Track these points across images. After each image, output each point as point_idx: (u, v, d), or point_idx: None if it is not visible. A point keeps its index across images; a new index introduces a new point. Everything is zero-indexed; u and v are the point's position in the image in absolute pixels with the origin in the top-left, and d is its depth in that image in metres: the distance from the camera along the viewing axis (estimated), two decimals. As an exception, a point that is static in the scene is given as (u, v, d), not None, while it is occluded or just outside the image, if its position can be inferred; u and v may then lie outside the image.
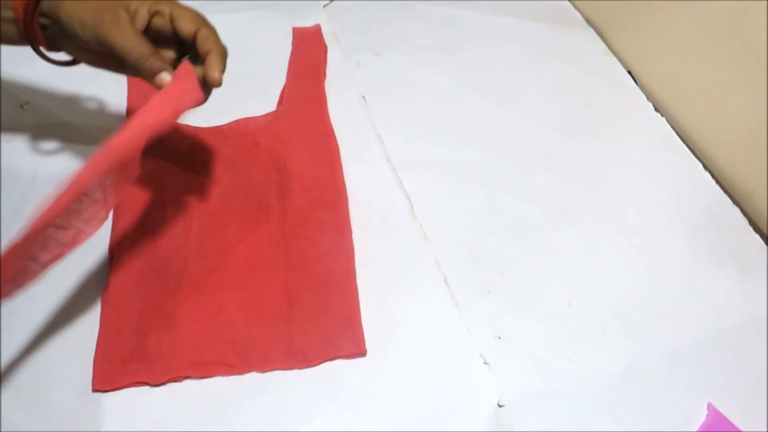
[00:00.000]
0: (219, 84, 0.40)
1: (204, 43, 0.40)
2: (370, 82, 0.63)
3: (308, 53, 0.64)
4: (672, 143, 0.61)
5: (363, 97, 0.61)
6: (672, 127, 0.62)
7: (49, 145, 0.53)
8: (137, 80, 0.58)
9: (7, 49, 0.59)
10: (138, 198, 0.50)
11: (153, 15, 0.41)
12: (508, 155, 0.58)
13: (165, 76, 0.40)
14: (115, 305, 0.44)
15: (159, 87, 0.40)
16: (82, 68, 0.59)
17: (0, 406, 0.39)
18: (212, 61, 0.40)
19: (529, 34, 0.70)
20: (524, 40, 0.69)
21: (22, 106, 0.56)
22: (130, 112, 0.56)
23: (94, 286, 0.45)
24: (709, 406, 0.43)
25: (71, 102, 0.57)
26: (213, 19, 0.42)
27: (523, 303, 0.48)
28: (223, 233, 0.49)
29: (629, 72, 0.67)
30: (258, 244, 0.49)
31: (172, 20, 0.41)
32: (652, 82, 0.65)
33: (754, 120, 0.55)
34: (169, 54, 0.43)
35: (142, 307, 0.44)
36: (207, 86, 0.41)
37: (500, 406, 0.42)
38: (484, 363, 0.44)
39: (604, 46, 0.70)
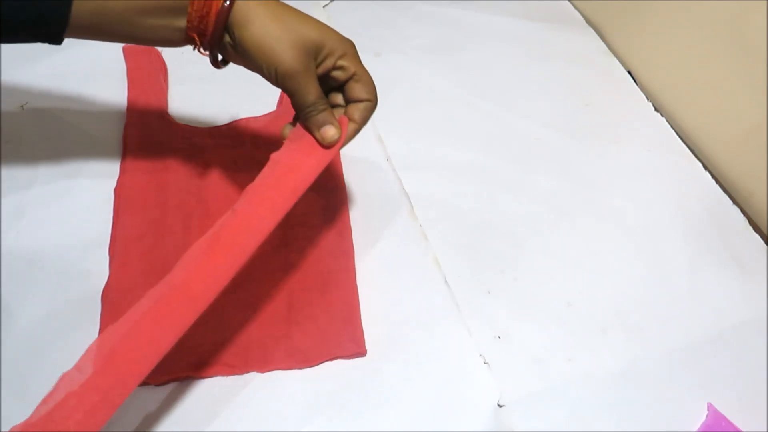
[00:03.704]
0: (326, 144, 0.41)
1: (354, 111, 0.41)
2: (370, 82, 0.63)
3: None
4: (672, 143, 0.61)
5: (363, 97, 0.61)
6: (672, 127, 0.62)
7: (49, 145, 0.53)
8: (138, 79, 0.59)
9: (7, 49, 0.59)
10: (138, 198, 0.50)
11: (336, 68, 0.40)
12: (508, 155, 0.58)
13: (331, 131, 0.40)
14: (115, 305, 0.44)
15: (321, 139, 0.40)
16: (81, 68, 0.60)
17: (0, 406, 0.39)
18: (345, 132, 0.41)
19: (529, 34, 0.70)
20: (524, 40, 0.69)
21: (22, 106, 0.56)
22: (130, 112, 0.56)
23: (94, 286, 0.45)
24: (709, 406, 0.43)
25: (71, 102, 0.57)
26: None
27: (523, 303, 0.48)
28: (223, 233, 0.49)
29: (629, 72, 0.67)
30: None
31: (352, 80, 0.41)
32: (652, 82, 0.65)
33: (754, 120, 0.55)
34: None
35: (142, 307, 0.44)
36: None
37: (500, 406, 0.42)
38: (484, 363, 0.44)
39: (604, 46, 0.70)
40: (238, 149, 0.55)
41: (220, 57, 0.41)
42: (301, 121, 0.41)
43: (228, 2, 0.37)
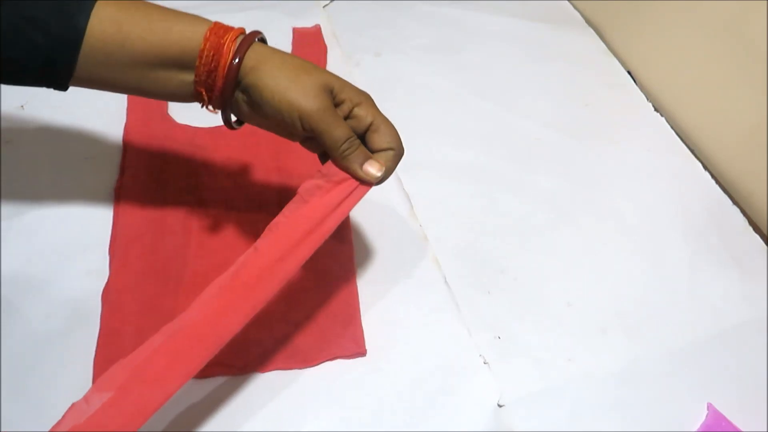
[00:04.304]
0: (369, 180, 0.39)
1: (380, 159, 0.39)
2: (370, 82, 0.63)
3: (308, 53, 0.64)
4: (672, 143, 0.61)
5: (363, 97, 0.61)
6: (672, 127, 0.62)
7: (49, 145, 0.53)
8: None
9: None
10: (138, 198, 0.50)
11: (351, 117, 0.38)
12: (508, 155, 0.58)
13: (375, 165, 0.38)
14: (115, 305, 0.44)
15: (365, 176, 0.38)
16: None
17: (0, 406, 0.39)
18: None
19: (529, 34, 0.70)
20: (524, 40, 0.69)
21: (22, 106, 0.56)
22: (130, 112, 0.56)
23: (94, 286, 0.45)
24: (709, 406, 0.43)
25: (71, 102, 0.57)
26: (213, 19, 0.42)
27: (523, 303, 0.48)
28: (223, 233, 0.49)
29: (629, 72, 0.67)
30: (258, 244, 0.49)
31: (369, 130, 0.39)
32: (652, 82, 0.65)
33: (754, 120, 0.55)
34: None
35: (142, 307, 0.44)
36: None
37: (500, 406, 0.42)
38: (484, 363, 0.44)
39: (604, 46, 0.70)
40: (238, 149, 0.55)
41: (234, 118, 0.40)
42: (337, 162, 0.38)
43: (237, 60, 0.36)
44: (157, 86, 0.38)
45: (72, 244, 0.47)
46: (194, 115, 0.57)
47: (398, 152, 0.40)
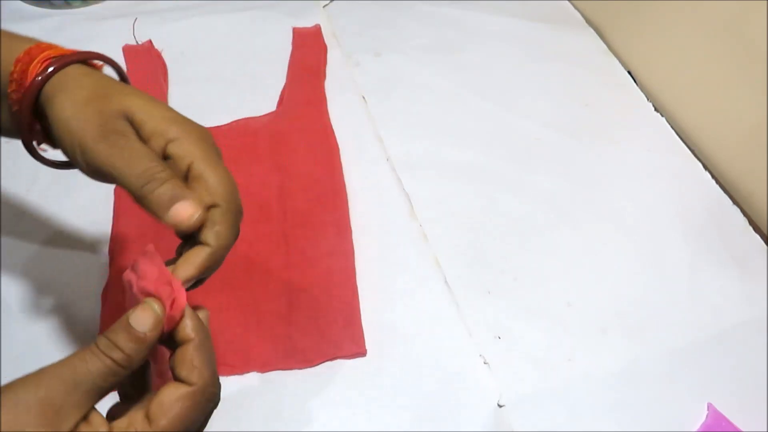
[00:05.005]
0: (184, 229, 0.29)
1: (204, 229, 0.29)
2: (370, 82, 0.63)
3: (308, 53, 0.64)
4: (672, 143, 0.61)
5: (363, 97, 0.61)
6: (672, 127, 0.62)
7: (49, 145, 0.53)
8: (138, 80, 0.59)
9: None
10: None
11: (166, 157, 0.30)
12: (508, 155, 0.58)
13: (186, 209, 0.28)
14: (115, 305, 0.44)
15: (174, 224, 0.28)
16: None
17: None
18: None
19: (529, 34, 0.70)
20: (524, 40, 0.69)
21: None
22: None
23: (94, 286, 0.45)
24: (709, 406, 0.43)
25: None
26: (213, 19, 0.41)
27: (523, 303, 0.48)
28: (223, 233, 0.49)
29: (629, 72, 0.67)
30: (258, 244, 0.49)
31: (189, 177, 0.29)
32: (652, 82, 0.65)
33: (754, 120, 0.55)
34: None
35: (142, 307, 0.44)
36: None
37: (500, 406, 0.42)
38: (484, 363, 0.44)
39: (604, 46, 0.70)
40: (238, 149, 0.55)
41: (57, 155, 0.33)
42: (144, 207, 0.29)
43: (36, 81, 0.29)
44: None
45: (72, 244, 0.47)
46: (193, 116, 0.57)
47: (228, 209, 0.29)
